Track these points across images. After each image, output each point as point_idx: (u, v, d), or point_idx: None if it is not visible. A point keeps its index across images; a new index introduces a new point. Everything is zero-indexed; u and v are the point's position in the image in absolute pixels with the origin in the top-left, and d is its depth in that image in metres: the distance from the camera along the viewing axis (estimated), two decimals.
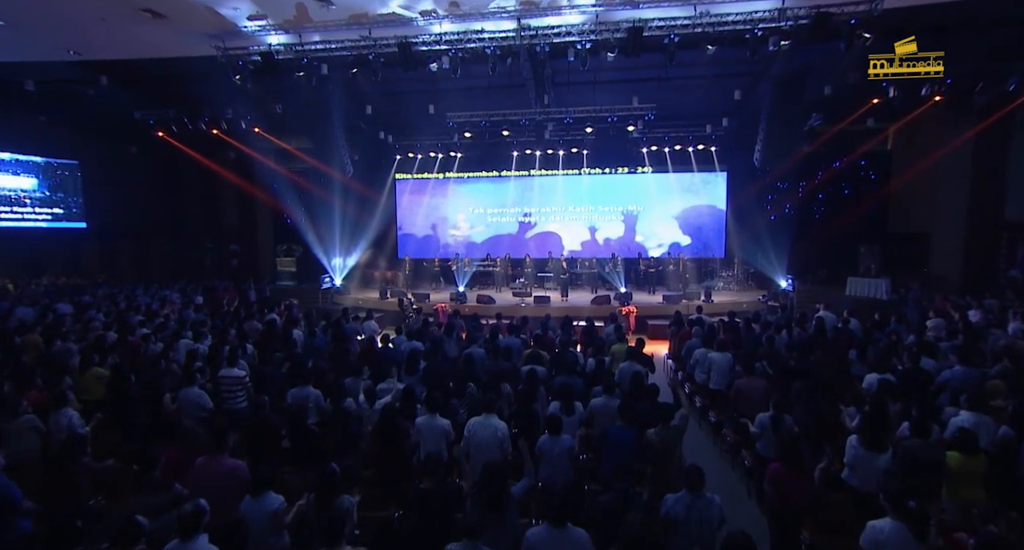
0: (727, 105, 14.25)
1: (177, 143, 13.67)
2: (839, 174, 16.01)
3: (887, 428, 4.21)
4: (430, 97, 13.73)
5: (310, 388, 5.24)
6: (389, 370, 6.49)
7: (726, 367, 6.53)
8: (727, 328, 8.36)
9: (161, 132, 13.05)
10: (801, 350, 6.77)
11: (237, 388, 5.70)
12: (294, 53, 9.26)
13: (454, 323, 8.93)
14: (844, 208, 15.59)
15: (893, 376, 5.59)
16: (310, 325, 9.02)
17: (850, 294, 13.33)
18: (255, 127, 12.97)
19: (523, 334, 8.83)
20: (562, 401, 4.87)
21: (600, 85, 13.62)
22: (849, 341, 7.70)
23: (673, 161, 16.24)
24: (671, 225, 17.00)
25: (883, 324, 8.26)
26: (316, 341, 7.75)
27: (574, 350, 7.37)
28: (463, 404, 5.34)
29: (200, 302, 13.77)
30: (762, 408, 5.16)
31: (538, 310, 12.91)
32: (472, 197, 17.70)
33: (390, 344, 7.64)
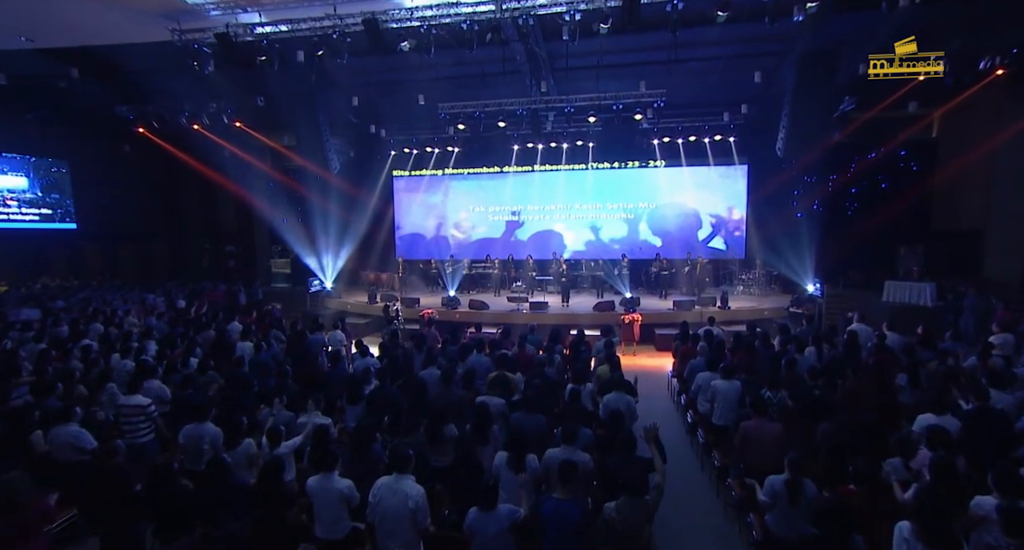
0: (746, 90, 12.86)
1: (159, 140, 13.01)
2: (875, 166, 14.38)
3: (957, 509, 2.98)
4: (420, 87, 12.75)
5: (208, 425, 4.28)
6: (338, 395, 5.53)
7: (733, 398, 5.32)
8: (739, 346, 7.09)
9: (141, 128, 12.39)
10: (829, 375, 5.50)
11: (139, 419, 4.80)
12: (254, 35, 8.37)
13: (426, 335, 7.89)
14: (881, 204, 13.95)
15: (956, 417, 4.33)
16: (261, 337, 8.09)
17: (888, 300, 11.80)
18: (236, 121, 12.20)
19: (506, 349, 7.77)
20: (510, 452, 3.77)
21: (604, 70, 12.40)
22: (892, 361, 6.37)
23: (687, 154, 14.88)
24: (685, 224, 15.63)
25: (930, 339, 6.85)
26: (262, 356, 6.81)
27: (554, 372, 6.24)
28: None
29: (183, 306, 13.15)
30: (775, 461, 3.97)
31: (534, 317, 11.81)
32: (472, 194, 16.66)
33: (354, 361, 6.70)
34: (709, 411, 5.66)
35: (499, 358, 6.40)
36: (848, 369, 5.73)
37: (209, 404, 4.45)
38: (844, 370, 5.77)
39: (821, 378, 5.63)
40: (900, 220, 13.76)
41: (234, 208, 17.57)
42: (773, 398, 5.15)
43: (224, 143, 12.98)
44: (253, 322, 9.67)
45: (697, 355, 6.74)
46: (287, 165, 12.98)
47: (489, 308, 12.44)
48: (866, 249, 13.62)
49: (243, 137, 12.87)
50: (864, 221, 13.85)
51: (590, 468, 3.76)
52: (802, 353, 6.33)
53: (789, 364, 5.81)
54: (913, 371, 5.63)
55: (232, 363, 6.71)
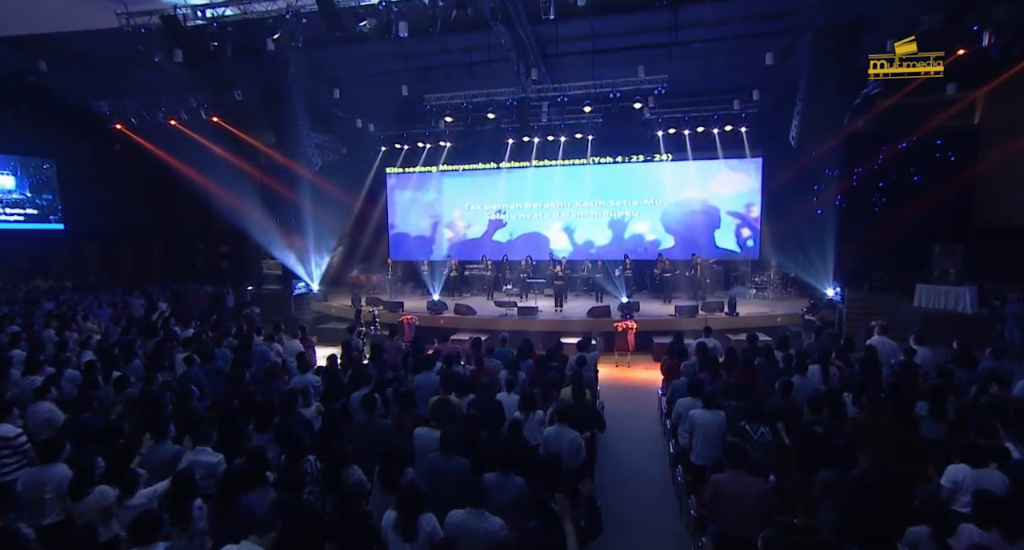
0: (758, 74, 11.72)
1: (137, 137, 12.55)
2: (906, 156, 13.02)
3: None
4: (404, 77, 12.01)
5: (59, 466, 3.54)
6: (267, 422, 4.75)
7: (715, 432, 4.35)
8: (734, 363, 6.07)
9: (119, 124, 11.96)
10: (835, 404, 4.48)
11: (4, 453, 4.12)
12: (204, 18, 7.72)
13: (383, 347, 7.09)
14: (913, 198, 12.57)
15: (1001, 470, 3.30)
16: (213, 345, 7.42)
17: (920, 306, 10.55)
18: (213, 116, 11.66)
19: (472, 364, 6.94)
20: (399, 511, 2.92)
21: (599, 56, 11.44)
22: (914, 385, 5.28)
23: (694, 146, 13.76)
24: (693, 222, 14.50)
25: (968, 354, 5.70)
26: (193, 372, 6.11)
27: (507, 396, 5.35)
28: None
29: (165, 309, 12.70)
30: (759, 526, 3.04)
31: (521, 324, 10.94)
32: (466, 192, 15.85)
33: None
34: (689, 445, 4.70)
35: (446, 377, 5.57)
36: (862, 395, 4.68)
37: (57, 440, 3.68)
38: (857, 396, 4.73)
39: (826, 407, 4.61)
40: (935, 216, 12.39)
41: (227, 208, 17.19)
42: (764, 435, 4.17)
43: (202, 139, 12.46)
44: (209, 328, 9.02)
45: (681, 375, 5.76)
46: (270, 163, 12.43)
47: (476, 313, 11.60)
48: (895, 249, 12.31)
49: (223, 134, 12.33)
50: (893, 217, 12.51)
51: (500, 539, 2.88)
52: (804, 373, 5.28)
53: (784, 389, 4.79)
54: (936, 398, 4.57)
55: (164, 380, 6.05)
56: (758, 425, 4.23)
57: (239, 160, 13.17)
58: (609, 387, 8.88)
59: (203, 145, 12.53)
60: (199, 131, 12.10)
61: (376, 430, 4.64)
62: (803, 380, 5.23)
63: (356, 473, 3.68)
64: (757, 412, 4.24)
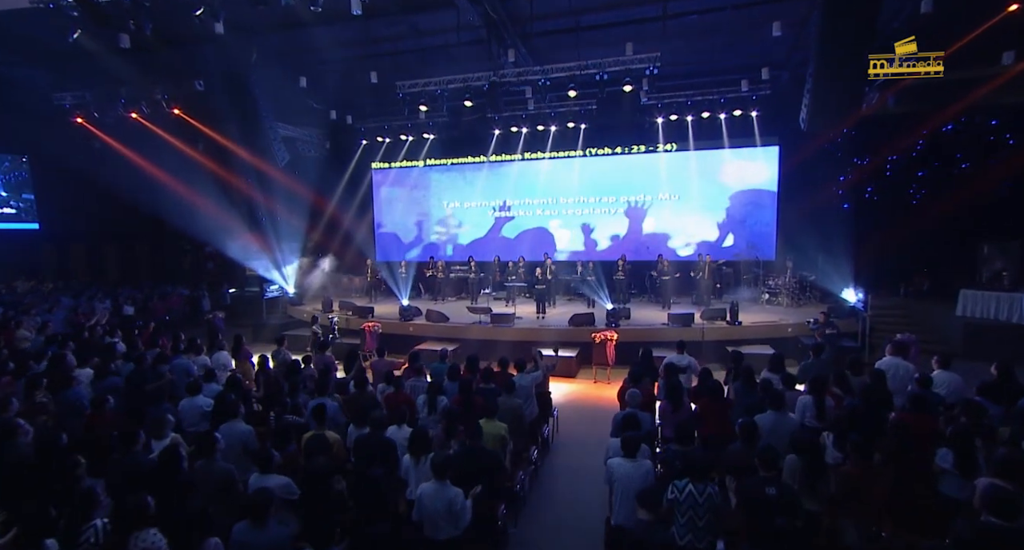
0: (767, 50, 10.28)
1: (94, 129, 12.09)
2: (952, 139, 11.21)
3: None
4: (373, 63, 11.14)
5: None
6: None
7: (633, 488, 3.16)
8: (703, 391, 4.80)
9: (80, 117, 11.54)
10: (816, 472, 3.19)
11: None
12: None
13: (295, 368, 6.10)
14: (959, 189, 10.75)
15: None
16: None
17: (963, 314, 8.88)
18: (174, 107, 11.09)
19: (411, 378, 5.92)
20: None
21: (584, 34, 10.29)
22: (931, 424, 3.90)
23: (700, 134, 12.34)
24: (698, 219, 13.04)
25: (1007, 385, 4.25)
26: (80, 391, 5.31)
27: (399, 431, 4.27)
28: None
29: (130, 313, 12.25)
30: None
31: (492, 332, 9.83)
32: (453, 188, 14.88)
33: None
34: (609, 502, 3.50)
35: (349, 403, 4.61)
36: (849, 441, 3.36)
37: None
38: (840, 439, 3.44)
39: (807, 457, 3.34)
40: (985, 210, 10.54)
41: (204, 207, 16.78)
42: (712, 495, 2.98)
43: (165, 134, 11.92)
44: (144, 336, 8.30)
45: (626, 406, 4.54)
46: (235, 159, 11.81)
47: (448, 320, 10.56)
48: (935, 248, 10.57)
49: (186, 127, 11.74)
50: (934, 211, 10.72)
51: None
52: (778, 407, 3.96)
53: (745, 432, 3.53)
54: (962, 444, 3.22)
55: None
56: (704, 483, 3.04)
57: (204, 156, 12.57)
58: (577, 408, 7.70)
59: (167, 140, 11.99)
60: (161, 125, 11.56)
61: (215, 476, 3.67)
62: (779, 418, 3.93)
63: (150, 537, 2.71)
64: (694, 463, 3.04)
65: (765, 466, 3.05)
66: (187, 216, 13.64)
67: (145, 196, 14.02)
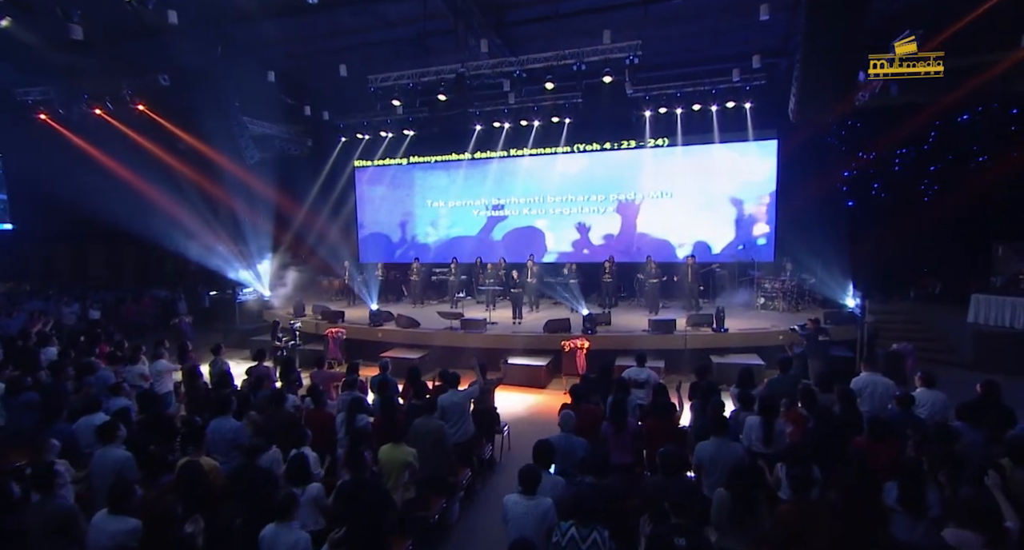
0: (759, 35, 9.55)
1: (62, 128, 11.73)
2: (968, 132, 10.33)
3: None
4: (344, 55, 10.64)
5: None
6: None
7: (526, 532, 2.53)
8: (654, 410, 4.16)
9: (43, 114, 11.20)
10: (747, 508, 2.54)
11: None
12: None
13: (226, 386, 5.58)
14: (974, 184, 9.87)
15: None
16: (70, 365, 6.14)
17: (975, 321, 8.05)
18: (138, 103, 10.70)
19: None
20: None
21: (563, 21, 9.64)
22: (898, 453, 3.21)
23: (691, 128, 11.62)
24: (695, 216, 12.30)
25: (989, 408, 3.53)
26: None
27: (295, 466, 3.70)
28: None
29: (96, 317, 11.90)
30: None
31: (459, 339, 9.24)
32: (439, 187, 14.32)
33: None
34: None
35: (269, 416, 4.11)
36: (788, 473, 2.69)
37: None
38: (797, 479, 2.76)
39: (738, 488, 2.69)
40: (1001, 207, 9.65)
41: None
42: (596, 541, 2.37)
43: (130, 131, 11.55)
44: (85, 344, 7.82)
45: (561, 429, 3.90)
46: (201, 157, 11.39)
47: (419, 325, 9.98)
48: (945, 249, 9.70)
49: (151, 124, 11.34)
50: (946, 209, 9.85)
51: None
52: (721, 431, 3.28)
53: (665, 462, 2.90)
54: (907, 476, 2.56)
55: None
56: (590, 527, 2.43)
57: (170, 154, 12.17)
58: (540, 422, 7.03)
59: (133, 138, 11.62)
60: (126, 122, 11.18)
61: (50, 515, 3.14)
62: (721, 445, 3.27)
63: None
64: (580, 503, 2.43)
65: (675, 510, 2.42)
66: (161, 216, 13.27)
67: (122, 195, 13.74)
